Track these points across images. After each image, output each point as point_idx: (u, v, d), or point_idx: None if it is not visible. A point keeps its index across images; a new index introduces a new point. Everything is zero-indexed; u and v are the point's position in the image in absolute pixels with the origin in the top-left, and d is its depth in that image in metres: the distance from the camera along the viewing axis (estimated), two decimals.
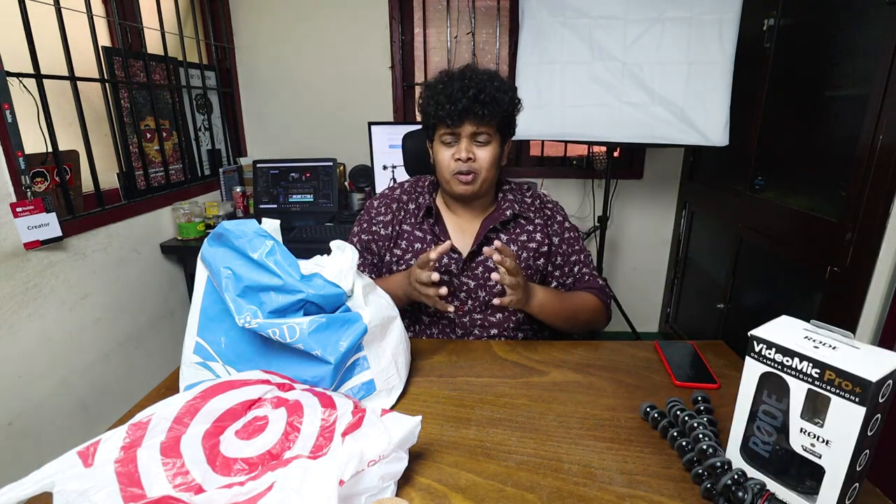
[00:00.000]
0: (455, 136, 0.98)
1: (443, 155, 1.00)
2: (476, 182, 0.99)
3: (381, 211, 1.11)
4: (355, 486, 0.53)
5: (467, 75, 0.96)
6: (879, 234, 1.28)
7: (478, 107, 0.93)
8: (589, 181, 2.50)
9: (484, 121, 0.95)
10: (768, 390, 0.54)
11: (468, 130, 0.96)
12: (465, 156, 0.96)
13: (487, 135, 0.98)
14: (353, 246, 0.78)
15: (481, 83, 0.94)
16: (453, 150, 0.98)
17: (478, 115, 0.94)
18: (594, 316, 1.05)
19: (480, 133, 0.97)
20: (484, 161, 0.98)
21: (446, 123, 0.96)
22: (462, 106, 0.93)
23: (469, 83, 0.94)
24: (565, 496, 0.57)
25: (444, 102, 0.94)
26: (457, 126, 0.96)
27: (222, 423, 0.58)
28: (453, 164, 0.98)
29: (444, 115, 0.95)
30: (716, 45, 1.77)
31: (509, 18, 2.40)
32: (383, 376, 0.75)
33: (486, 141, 0.98)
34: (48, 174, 1.46)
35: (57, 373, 1.45)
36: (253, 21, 2.39)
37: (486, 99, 0.93)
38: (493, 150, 0.99)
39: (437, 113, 0.96)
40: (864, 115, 1.34)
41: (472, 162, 0.97)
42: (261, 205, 2.24)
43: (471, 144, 0.98)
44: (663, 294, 2.71)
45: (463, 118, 0.95)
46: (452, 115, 0.94)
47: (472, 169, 0.98)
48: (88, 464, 0.49)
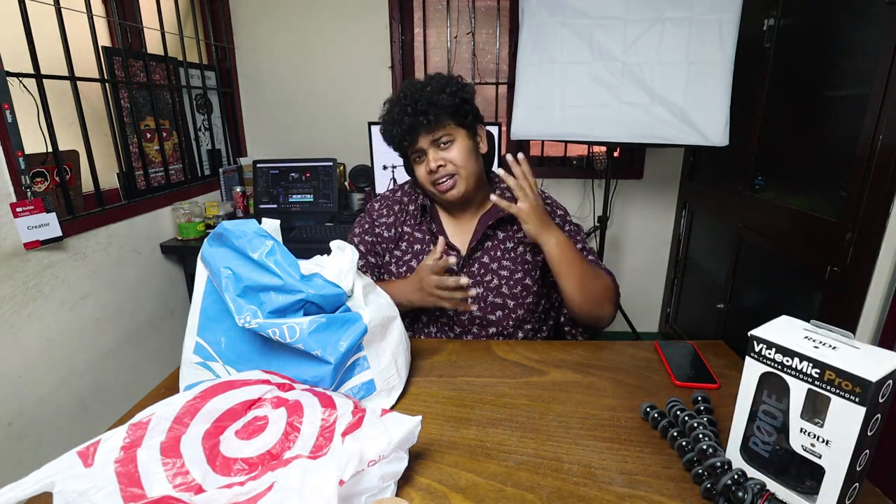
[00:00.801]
0: (419, 151, 1.00)
1: (419, 172, 1.02)
2: (459, 183, 1.00)
3: (382, 213, 1.12)
4: (355, 486, 0.53)
5: (401, 95, 0.98)
6: (879, 234, 1.28)
7: (420, 118, 0.95)
8: (589, 181, 2.51)
9: (433, 126, 0.96)
10: (768, 390, 0.54)
11: (426, 141, 0.98)
12: (433, 166, 0.98)
13: (447, 135, 0.98)
14: (353, 246, 0.78)
15: (415, 94, 0.96)
16: (424, 165, 1.00)
17: (423, 124, 0.96)
18: (606, 293, 0.99)
19: (438, 137, 0.98)
20: (456, 159, 0.99)
21: (403, 146, 0.99)
22: (406, 125, 0.95)
23: (405, 101, 0.96)
24: (565, 496, 0.57)
25: (392, 129, 0.98)
26: (414, 143, 0.98)
27: (222, 423, 0.58)
28: (429, 177, 1.00)
29: (398, 140, 0.98)
30: (716, 45, 1.77)
31: (509, 18, 2.40)
32: (383, 376, 0.75)
33: (449, 141, 0.99)
34: (48, 174, 1.46)
35: (57, 373, 1.45)
36: (253, 21, 2.39)
37: (423, 107, 0.95)
38: (462, 145, 0.99)
39: (392, 140, 1.00)
40: (864, 115, 1.34)
41: (444, 167, 0.98)
42: (261, 205, 2.24)
43: (436, 152, 0.99)
44: (663, 294, 2.71)
45: (414, 134, 0.97)
46: (404, 136, 0.97)
47: (448, 172, 0.99)
48: (88, 464, 0.49)
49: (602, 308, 0.99)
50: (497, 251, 1.05)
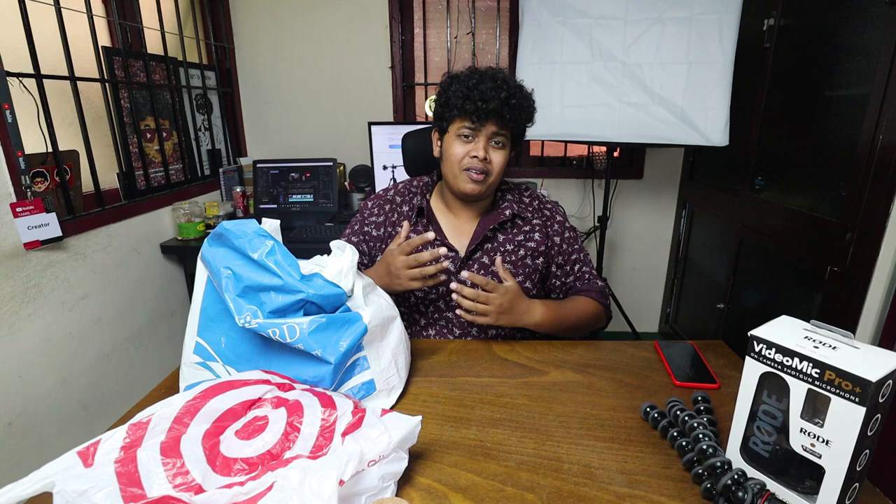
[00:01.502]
0: (474, 132, 0.97)
1: (457, 149, 0.98)
2: (485, 183, 0.99)
3: (374, 212, 1.11)
4: (355, 486, 0.53)
5: (499, 77, 0.96)
6: (879, 234, 1.28)
7: (507, 110, 0.94)
8: (589, 181, 2.50)
9: (507, 124, 0.96)
10: (768, 390, 0.54)
11: (490, 130, 0.96)
12: (482, 154, 0.96)
13: (505, 138, 0.98)
14: (353, 247, 0.78)
15: (512, 88, 0.95)
16: (469, 147, 0.97)
17: (504, 118, 0.94)
18: (594, 321, 1.06)
19: (500, 135, 0.97)
20: (497, 164, 0.99)
21: (471, 119, 0.95)
22: (493, 105, 0.93)
23: (502, 84, 0.94)
24: (565, 496, 0.57)
25: (476, 98, 0.93)
26: (481, 124, 0.95)
27: (222, 423, 0.58)
28: (467, 160, 0.97)
29: (472, 110, 0.94)
30: (716, 45, 1.77)
31: (509, 18, 2.40)
32: (383, 376, 0.75)
33: (503, 144, 0.99)
34: (48, 174, 1.46)
35: (57, 373, 1.45)
36: (253, 21, 2.39)
37: (516, 104, 0.95)
38: (506, 155, 1.00)
39: (464, 106, 0.95)
40: (864, 115, 1.34)
41: (487, 163, 0.98)
42: (261, 205, 2.24)
43: (488, 144, 0.97)
44: (663, 294, 2.71)
45: (490, 117, 0.95)
46: (480, 112, 0.94)
47: (485, 169, 0.98)
48: (88, 464, 0.49)
49: (593, 328, 1.08)
50: (497, 253, 1.05)
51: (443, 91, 1.00)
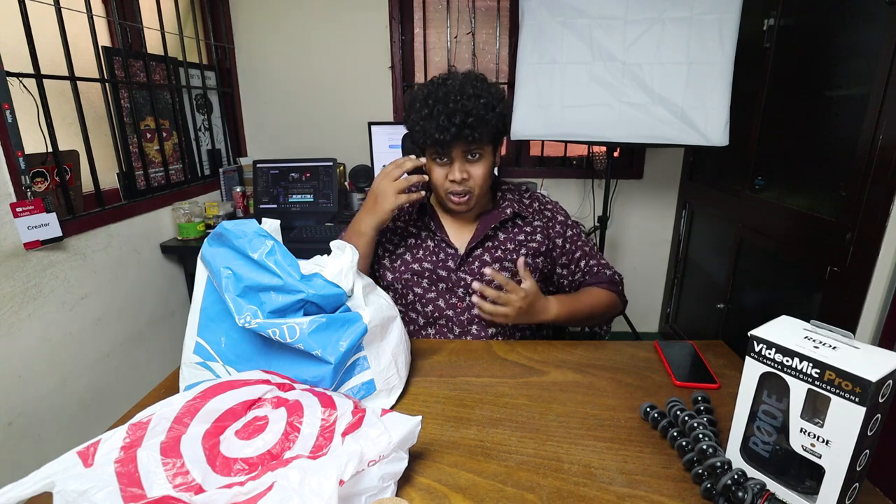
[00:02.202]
0: (446, 156, 0.97)
1: (436, 174, 0.99)
2: (471, 201, 1.00)
3: None
4: (355, 486, 0.53)
5: (451, 98, 0.91)
6: (879, 234, 1.28)
7: (467, 131, 0.91)
8: (589, 181, 2.50)
9: (474, 143, 0.94)
10: (768, 390, 0.54)
11: (459, 150, 0.95)
12: (458, 177, 0.96)
13: (479, 151, 0.97)
14: (353, 247, 0.78)
15: (468, 106, 0.91)
16: (446, 171, 0.97)
17: (467, 139, 0.92)
18: (609, 308, 1.07)
19: (472, 150, 0.96)
20: (478, 177, 0.98)
21: (437, 149, 0.95)
22: (452, 134, 0.91)
23: (455, 107, 0.90)
24: (565, 496, 0.57)
25: (433, 131, 0.92)
26: (450, 150, 0.95)
27: (222, 423, 0.58)
28: (448, 184, 0.98)
29: (433, 143, 0.94)
30: (716, 45, 1.77)
31: (509, 18, 2.40)
32: (383, 376, 0.75)
33: (479, 155, 0.97)
34: (48, 174, 1.46)
35: (57, 373, 1.45)
36: (253, 21, 2.39)
37: (475, 123, 0.91)
38: (487, 163, 0.98)
39: (425, 141, 0.95)
40: (864, 115, 1.34)
41: (467, 181, 0.97)
42: (261, 205, 2.24)
43: (464, 164, 0.96)
44: (663, 294, 2.71)
45: (453, 143, 0.93)
46: (442, 143, 0.93)
47: (467, 188, 0.97)
48: (88, 464, 0.49)
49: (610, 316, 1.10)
50: (498, 251, 1.05)
51: (405, 118, 1.00)
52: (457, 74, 0.97)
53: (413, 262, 1.05)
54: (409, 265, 1.05)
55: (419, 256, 1.05)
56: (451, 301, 1.04)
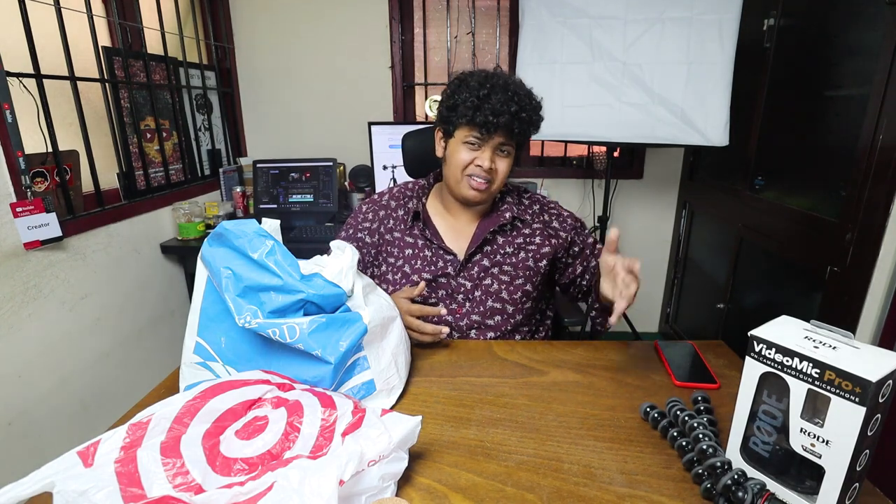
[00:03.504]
0: (481, 142, 0.96)
1: (462, 155, 0.97)
2: (488, 190, 0.99)
3: (368, 217, 1.10)
4: (355, 486, 0.53)
5: (511, 88, 0.94)
6: (879, 234, 1.28)
7: (517, 123, 0.93)
8: (589, 181, 2.50)
9: (515, 137, 0.96)
10: (768, 390, 0.54)
11: (497, 141, 0.96)
12: (488, 164, 0.96)
13: (510, 148, 0.98)
14: (353, 247, 0.78)
15: (523, 100, 0.94)
16: (475, 155, 0.97)
17: (513, 131, 0.94)
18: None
19: (507, 145, 0.97)
20: (501, 172, 0.98)
21: (479, 130, 0.94)
22: (504, 120, 0.92)
23: (513, 97, 0.93)
24: (565, 496, 0.57)
25: (487, 111, 0.92)
26: (489, 135, 0.95)
27: (222, 423, 0.58)
28: (471, 168, 0.97)
29: (481, 123, 0.93)
30: (716, 45, 1.77)
31: (509, 18, 2.40)
32: (383, 376, 0.75)
33: (508, 153, 0.98)
34: (48, 174, 1.46)
35: (57, 373, 1.45)
36: (253, 21, 2.39)
37: (526, 118, 0.94)
38: (510, 163, 1.00)
39: (474, 117, 0.93)
40: (864, 115, 1.34)
41: (493, 172, 0.98)
42: (261, 205, 2.24)
43: (494, 154, 0.97)
44: (663, 294, 2.71)
45: (499, 129, 0.94)
46: (490, 126, 0.93)
47: (490, 178, 0.98)
48: (88, 464, 0.49)
49: None
50: (497, 255, 1.04)
51: (451, 95, 0.98)
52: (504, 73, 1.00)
53: (412, 274, 1.04)
54: (408, 277, 1.04)
55: (417, 267, 1.04)
56: (450, 307, 1.03)
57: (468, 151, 0.97)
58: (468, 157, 0.97)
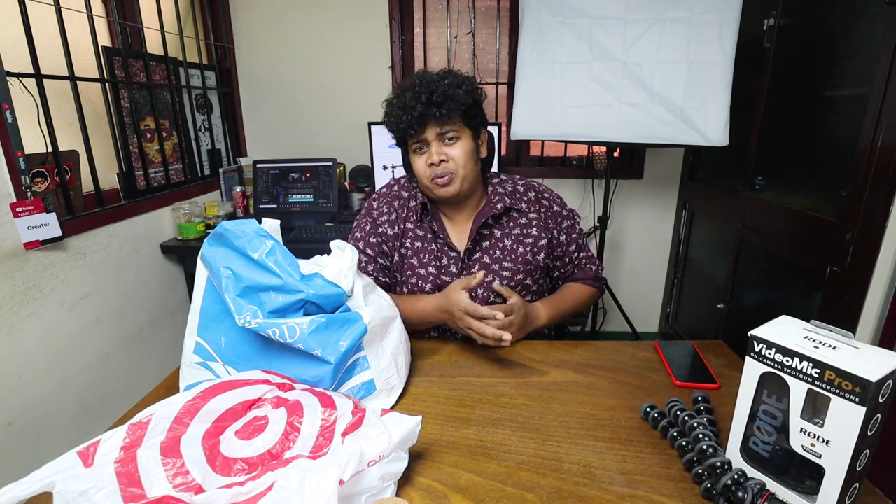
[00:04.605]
0: (423, 142, 0.98)
1: (418, 164, 1.00)
2: (455, 182, 0.99)
3: (383, 210, 1.10)
4: (355, 486, 0.53)
5: (416, 82, 0.96)
6: (879, 234, 1.28)
7: (433, 108, 0.94)
8: (589, 181, 2.50)
9: (444, 120, 0.95)
10: (768, 390, 0.54)
11: (433, 133, 0.97)
12: (436, 159, 0.97)
13: (454, 131, 0.97)
14: (353, 247, 0.78)
15: (431, 85, 0.95)
16: (425, 157, 0.99)
17: (435, 116, 0.94)
18: (589, 302, 1.15)
19: (446, 132, 0.97)
20: (458, 158, 0.98)
21: (409, 133, 0.97)
22: (418, 112, 0.94)
23: (420, 88, 0.95)
24: (565, 496, 0.57)
25: (401, 114, 0.95)
26: (420, 132, 0.96)
27: (222, 423, 0.58)
28: (428, 171, 0.98)
29: (404, 127, 0.96)
30: (716, 45, 1.77)
31: (509, 18, 2.40)
32: (383, 376, 0.75)
33: (455, 137, 0.98)
34: (48, 174, 1.46)
35: (57, 373, 1.45)
36: (253, 21, 2.39)
37: (439, 99, 0.94)
38: (466, 145, 0.99)
39: (398, 126, 0.97)
40: (864, 115, 1.34)
41: (446, 163, 0.97)
42: (261, 205, 2.24)
43: (440, 146, 0.98)
44: (663, 294, 2.71)
45: (423, 123, 0.95)
46: (412, 124, 0.95)
47: (447, 170, 0.98)
48: (88, 464, 0.49)
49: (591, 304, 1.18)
50: (496, 250, 1.05)
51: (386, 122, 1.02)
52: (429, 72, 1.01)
53: (419, 268, 1.05)
54: (415, 269, 1.05)
55: (425, 261, 1.05)
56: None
57: (419, 157, 1.00)
58: (422, 162, 0.99)
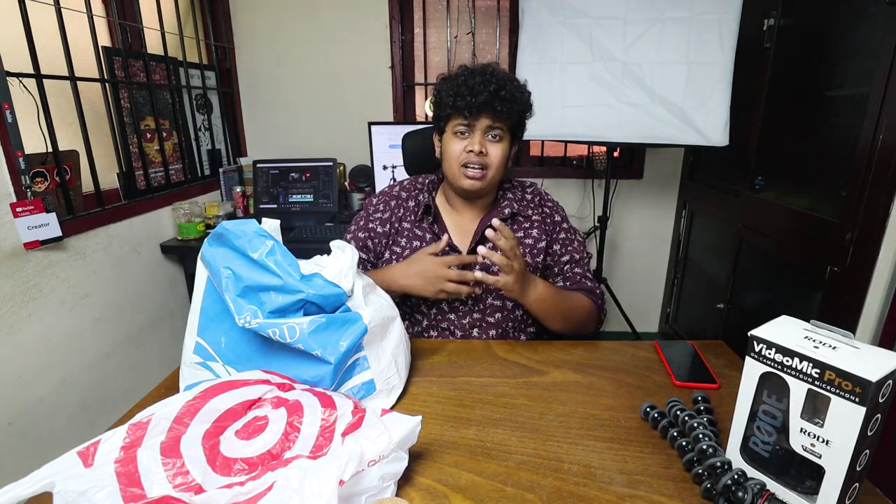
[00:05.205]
0: (469, 128, 0.97)
1: (454, 146, 0.98)
2: (485, 178, 0.98)
3: (379, 208, 1.10)
4: (355, 486, 0.53)
5: (489, 71, 0.96)
6: (879, 234, 1.28)
7: (497, 102, 0.93)
8: (589, 181, 2.50)
9: (501, 116, 0.95)
10: (768, 390, 0.54)
11: (484, 124, 0.96)
12: (478, 148, 0.96)
13: (501, 131, 0.98)
14: (351, 245, 0.78)
15: (502, 80, 0.95)
16: (466, 143, 0.97)
17: (497, 110, 0.94)
18: (586, 319, 1.03)
19: (495, 128, 0.97)
20: (495, 157, 0.98)
21: (463, 115, 0.95)
22: (483, 99, 0.93)
23: (491, 78, 0.94)
24: (565, 496, 0.57)
25: (465, 94, 0.94)
26: (474, 118, 0.95)
27: (222, 423, 0.58)
28: (464, 156, 0.97)
29: (462, 106, 0.94)
30: (716, 45, 1.77)
31: (509, 18, 2.40)
32: (383, 376, 0.75)
33: (499, 137, 0.98)
34: (48, 174, 1.46)
35: (57, 373, 1.45)
36: (253, 21, 2.39)
37: (507, 95, 0.94)
38: (504, 148, 0.99)
39: (455, 103, 0.95)
40: (864, 115, 1.34)
41: (484, 156, 0.97)
42: (261, 205, 2.24)
43: (484, 138, 0.97)
44: (663, 294, 2.71)
45: (481, 111, 0.94)
46: (471, 107, 0.94)
47: (483, 163, 0.97)
48: (88, 464, 0.49)
49: (582, 329, 1.04)
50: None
51: (437, 92, 1.01)
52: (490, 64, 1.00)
53: None
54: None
55: None
56: (453, 304, 1.04)
57: (459, 141, 0.98)
58: (459, 146, 0.98)
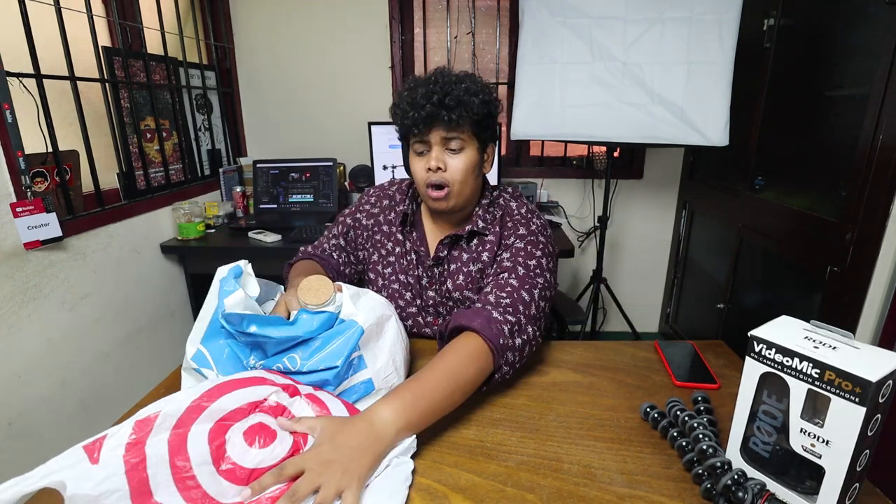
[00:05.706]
0: (426, 144, 0.91)
1: (416, 166, 0.93)
2: (449, 198, 0.92)
3: (371, 201, 1.09)
4: None
5: (432, 80, 0.88)
6: (879, 234, 1.28)
7: (444, 112, 0.86)
8: (589, 181, 2.50)
9: (452, 125, 0.87)
10: (768, 390, 0.54)
11: (437, 137, 0.89)
12: (434, 164, 0.89)
13: (460, 140, 0.89)
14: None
15: (447, 86, 0.87)
16: (425, 161, 0.91)
17: (444, 120, 0.86)
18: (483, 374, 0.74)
19: (451, 139, 0.89)
20: (456, 171, 0.90)
21: (413, 132, 0.90)
22: (427, 111, 0.86)
23: (434, 87, 0.87)
24: (565, 496, 0.58)
25: (408, 110, 0.88)
26: (425, 133, 0.89)
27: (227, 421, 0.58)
28: (425, 175, 0.91)
29: (409, 124, 0.88)
30: (716, 45, 1.77)
31: (509, 18, 2.40)
32: (381, 374, 0.75)
33: (459, 147, 0.90)
34: (48, 174, 1.46)
35: (57, 373, 1.45)
36: (253, 21, 2.39)
37: (452, 103, 0.86)
38: (468, 158, 0.90)
39: (402, 122, 0.90)
40: (864, 115, 1.34)
41: (443, 172, 0.90)
42: (261, 205, 2.24)
43: (442, 153, 0.90)
44: (663, 294, 2.71)
45: (430, 124, 0.88)
46: (417, 123, 0.87)
47: (444, 180, 0.90)
48: (94, 459, 0.49)
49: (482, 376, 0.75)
50: (459, 276, 0.99)
51: (391, 113, 0.95)
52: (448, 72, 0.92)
53: (394, 275, 1.03)
54: (388, 278, 1.04)
55: (398, 269, 1.03)
56: (426, 319, 1.02)
57: (419, 160, 0.92)
58: (420, 167, 0.92)
